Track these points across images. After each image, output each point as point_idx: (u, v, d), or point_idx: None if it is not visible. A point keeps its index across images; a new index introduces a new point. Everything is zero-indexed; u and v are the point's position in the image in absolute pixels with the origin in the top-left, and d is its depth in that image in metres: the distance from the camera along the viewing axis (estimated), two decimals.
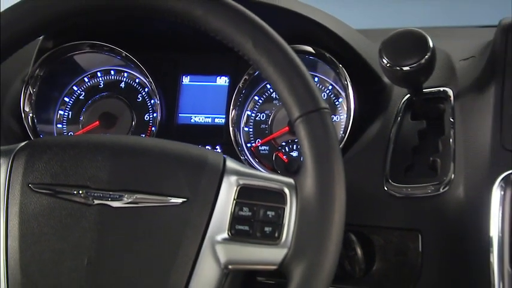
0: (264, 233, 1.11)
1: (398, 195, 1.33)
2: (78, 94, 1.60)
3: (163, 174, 1.15)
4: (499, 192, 1.24)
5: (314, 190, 1.10)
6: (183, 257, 1.11)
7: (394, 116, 1.39)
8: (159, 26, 1.39)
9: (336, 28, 1.45)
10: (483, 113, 1.32)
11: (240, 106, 1.52)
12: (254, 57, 1.14)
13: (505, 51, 1.32)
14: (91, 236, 1.12)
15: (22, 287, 1.13)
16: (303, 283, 1.07)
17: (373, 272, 1.34)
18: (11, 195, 1.16)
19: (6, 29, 1.19)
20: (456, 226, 1.28)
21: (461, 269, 1.27)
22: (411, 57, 1.26)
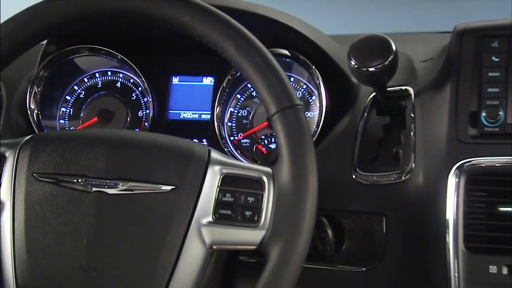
0: (244, 217, 1.10)
1: (365, 182, 1.32)
2: (78, 93, 1.59)
3: (154, 164, 1.14)
4: (454, 180, 1.24)
5: (289, 178, 1.10)
6: (172, 238, 1.10)
7: (361, 112, 1.39)
8: (151, 31, 1.38)
9: (309, 33, 1.45)
10: (440, 109, 1.32)
11: (224, 103, 1.51)
12: (236, 60, 1.13)
13: (459, 54, 1.32)
14: (89, 220, 1.12)
15: (28, 265, 1.13)
16: (280, 261, 1.07)
17: (343, 251, 1.35)
18: (17, 184, 1.16)
19: (14, 33, 1.18)
20: (416, 210, 1.28)
21: (421, 248, 1.27)
22: (376, 59, 1.26)
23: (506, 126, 1.27)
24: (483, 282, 1.20)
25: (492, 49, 1.30)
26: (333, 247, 1.32)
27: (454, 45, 1.34)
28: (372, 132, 1.38)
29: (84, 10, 1.18)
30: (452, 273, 1.21)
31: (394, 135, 1.37)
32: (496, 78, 1.29)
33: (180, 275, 1.10)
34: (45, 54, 1.55)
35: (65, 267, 1.12)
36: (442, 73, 1.35)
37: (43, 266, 1.13)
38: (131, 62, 1.52)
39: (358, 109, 1.40)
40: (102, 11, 1.17)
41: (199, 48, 1.18)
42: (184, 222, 1.11)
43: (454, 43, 1.34)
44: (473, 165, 1.24)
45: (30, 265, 1.13)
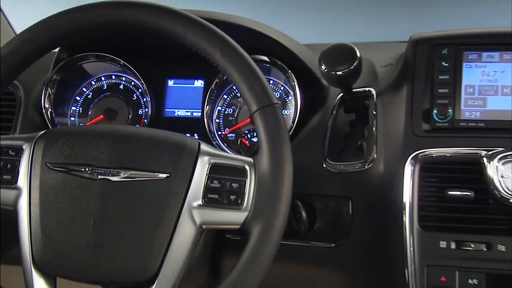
0: (229, 200, 1.11)
1: (334, 170, 1.33)
2: (86, 94, 1.58)
3: (152, 155, 1.14)
4: (410, 168, 1.25)
5: (268, 167, 1.10)
6: (167, 219, 1.10)
7: (330, 110, 1.40)
8: (150, 41, 1.38)
9: (286, 42, 1.45)
10: (398, 107, 1.33)
11: (213, 103, 1.51)
12: (222, 65, 1.14)
13: (414, 60, 1.33)
14: (96, 204, 1.12)
15: (42, 243, 1.13)
16: (260, 239, 1.08)
17: (315, 230, 1.35)
18: (33, 172, 1.15)
19: (30, 43, 1.18)
20: (378, 194, 1.29)
21: (382, 227, 1.28)
22: (343, 64, 1.26)
23: (455, 122, 1.28)
24: (434, 256, 1.22)
25: (442, 55, 1.31)
26: (306, 226, 1.33)
27: (409, 53, 1.34)
28: (339, 127, 1.39)
29: (90, 22, 1.18)
30: (408, 248, 1.22)
31: (359, 130, 1.37)
32: (446, 81, 1.30)
33: (174, 250, 1.10)
34: (57, 61, 1.54)
35: (75, 245, 1.12)
36: (400, 76, 1.36)
37: (55, 244, 1.12)
38: (132, 67, 1.52)
39: (328, 107, 1.40)
40: (107, 22, 1.17)
41: (191, 55, 1.18)
42: (177, 205, 1.11)
43: (410, 51, 1.34)
44: (426, 156, 1.25)
45: (44, 243, 1.13)
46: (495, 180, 1.20)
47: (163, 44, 1.20)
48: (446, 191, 1.23)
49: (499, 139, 1.24)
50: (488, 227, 1.21)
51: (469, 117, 1.28)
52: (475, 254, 1.20)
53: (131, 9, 1.17)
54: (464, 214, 1.22)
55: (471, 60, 1.30)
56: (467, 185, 1.22)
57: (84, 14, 1.18)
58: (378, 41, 1.58)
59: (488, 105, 1.28)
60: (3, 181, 1.17)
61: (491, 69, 1.29)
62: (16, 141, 1.20)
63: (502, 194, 1.19)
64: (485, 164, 1.21)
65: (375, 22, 2.16)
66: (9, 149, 1.18)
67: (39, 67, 1.39)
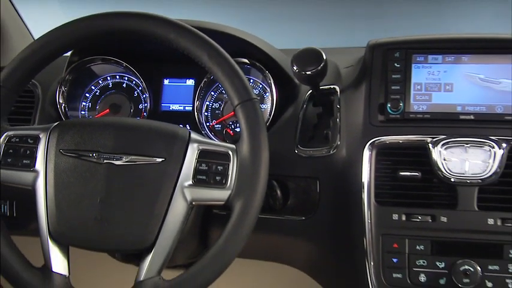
0: (215, 181, 1.11)
1: (304, 155, 1.33)
2: (95, 91, 1.57)
3: (149, 142, 1.14)
4: (368, 152, 1.26)
5: (248, 152, 1.11)
6: (162, 197, 1.11)
7: (301, 104, 1.40)
8: (148, 46, 1.38)
9: (263, 47, 1.45)
10: (358, 101, 1.33)
11: (202, 98, 1.51)
12: (208, 66, 1.14)
13: (371, 62, 1.34)
14: (101, 184, 1.12)
15: (56, 217, 1.13)
16: (241, 213, 1.09)
17: (288, 206, 1.36)
18: (48, 157, 1.15)
19: (45, 47, 1.18)
20: (341, 175, 1.30)
21: (345, 202, 1.28)
22: (311, 65, 1.27)
23: (405, 114, 1.29)
24: (388, 226, 1.23)
25: (394, 58, 1.31)
26: (281, 202, 1.34)
27: (367, 56, 1.35)
28: (309, 119, 1.39)
29: (97, 29, 1.18)
30: (366, 220, 1.23)
31: (325, 121, 1.37)
32: (397, 79, 1.31)
33: (169, 223, 1.10)
34: (70, 63, 1.54)
35: (84, 219, 1.12)
36: (359, 76, 1.36)
37: (68, 218, 1.13)
38: (133, 69, 1.52)
39: (299, 102, 1.40)
40: (110, 30, 1.17)
41: (183, 58, 1.18)
42: (171, 185, 1.11)
43: (368, 54, 1.35)
44: (381, 142, 1.26)
45: (58, 217, 1.13)
46: (439, 163, 1.21)
47: (159, 48, 1.20)
48: (398, 172, 1.24)
49: (442, 128, 1.25)
50: (432, 202, 1.23)
51: (417, 109, 1.29)
52: (422, 224, 1.22)
53: (132, 19, 1.17)
54: (413, 191, 1.24)
55: (419, 62, 1.31)
56: (415, 166, 1.24)
57: (92, 23, 1.18)
58: (341, 47, 1.58)
59: (433, 100, 1.29)
60: (23, 165, 1.16)
61: (436, 70, 1.30)
62: (34, 131, 1.19)
63: (444, 174, 1.21)
64: (431, 149, 1.22)
65: (339, 31, 2.18)
66: (28, 137, 1.18)
67: (54, 69, 1.39)
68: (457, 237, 1.20)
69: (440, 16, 2.29)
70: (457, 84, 1.29)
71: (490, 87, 1.28)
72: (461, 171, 1.20)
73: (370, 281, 1.22)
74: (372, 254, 1.23)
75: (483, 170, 1.20)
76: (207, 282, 1.09)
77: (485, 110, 1.26)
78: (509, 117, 1.25)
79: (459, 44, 1.31)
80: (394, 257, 1.22)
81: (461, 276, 1.17)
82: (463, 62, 1.29)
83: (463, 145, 1.22)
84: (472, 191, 1.20)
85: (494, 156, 1.20)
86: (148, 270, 1.10)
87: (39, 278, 1.13)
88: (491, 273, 1.18)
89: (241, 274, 1.37)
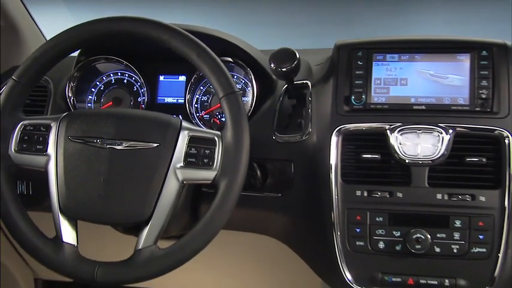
0: (203, 163, 1.11)
1: (280, 141, 1.33)
2: (99, 86, 1.56)
3: (146, 129, 1.14)
4: (335, 138, 1.26)
5: (232, 138, 1.11)
6: (157, 177, 1.11)
7: (278, 97, 1.39)
8: (145, 47, 1.36)
9: (245, 48, 1.45)
10: (326, 94, 1.33)
11: (192, 92, 1.50)
12: (197, 63, 1.14)
13: (338, 60, 1.33)
14: (105, 166, 1.12)
15: (66, 195, 1.13)
16: (226, 190, 1.09)
17: (267, 185, 1.35)
18: (58, 143, 1.15)
19: (60, 45, 1.18)
20: (312, 158, 1.29)
21: (315, 181, 1.28)
22: (287, 63, 1.27)
23: (367, 105, 1.29)
24: (352, 201, 1.24)
25: (357, 56, 1.31)
26: (260, 181, 1.33)
27: (334, 55, 1.34)
28: (284, 109, 1.38)
29: (101, 31, 1.17)
30: (333, 196, 1.24)
31: (299, 111, 1.37)
32: (360, 75, 1.31)
33: (163, 200, 1.11)
34: (77, 62, 1.52)
35: (89, 196, 1.12)
36: (328, 72, 1.36)
37: (75, 195, 1.13)
38: (133, 66, 1.51)
39: (276, 95, 1.40)
40: (111, 32, 1.17)
41: (176, 58, 1.17)
42: (165, 167, 1.11)
43: (335, 53, 1.35)
44: (347, 129, 1.26)
45: (67, 194, 1.13)
46: (395, 147, 1.22)
47: (155, 49, 1.19)
48: (360, 155, 1.25)
49: (398, 117, 1.26)
50: (390, 180, 1.24)
51: (377, 101, 1.29)
52: (381, 199, 1.23)
53: (130, 22, 1.16)
54: (373, 171, 1.24)
55: (378, 60, 1.31)
56: (375, 150, 1.24)
57: (96, 26, 1.18)
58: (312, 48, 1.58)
59: (390, 93, 1.29)
60: (37, 150, 1.16)
61: (393, 67, 1.30)
62: (46, 120, 1.19)
63: (400, 156, 1.21)
64: (388, 135, 1.23)
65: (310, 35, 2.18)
66: (41, 126, 1.18)
67: (64, 67, 1.39)
68: (411, 210, 1.21)
69: (395, 22, 2.31)
70: (411, 79, 1.29)
71: (438, 81, 1.28)
72: (414, 154, 1.21)
73: (337, 248, 1.23)
74: (339, 225, 1.23)
75: (433, 153, 1.21)
76: (197, 250, 1.10)
77: (434, 101, 1.27)
78: (455, 107, 1.26)
79: (413, 45, 1.31)
80: (357, 227, 1.23)
81: (414, 243, 1.18)
82: (416, 60, 1.30)
83: (415, 131, 1.22)
84: (423, 171, 1.21)
85: (442, 141, 1.21)
86: (145, 240, 1.10)
87: (52, 247, 1.13)
88: (439, 240, 1.19)
89: (226, 243, 1.37)
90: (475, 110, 1.25)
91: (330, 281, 1.31)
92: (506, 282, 1.19)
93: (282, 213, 1.34)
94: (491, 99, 1.24)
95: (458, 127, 1.22)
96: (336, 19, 2.51)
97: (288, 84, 1.38)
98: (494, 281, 1.18)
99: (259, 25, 2.53)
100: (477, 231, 1.19)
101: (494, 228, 1.18)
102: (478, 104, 1.25)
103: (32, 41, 1.70)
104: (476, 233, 1.19)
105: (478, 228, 1.19)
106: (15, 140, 1.17)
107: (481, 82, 1.26)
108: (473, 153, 1.21)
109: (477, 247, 1.18)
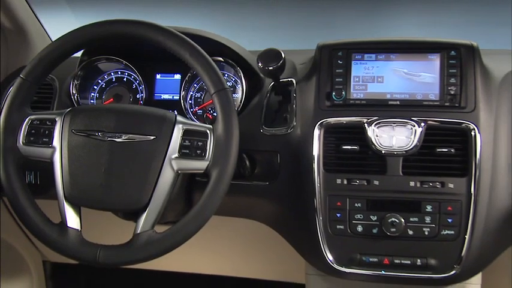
0: (197, 153, 1.11)
1: (268, 134, 1.32)
2: (101, 84, 1.54)
3: (144, 123, 1.13)
4: (317, 131, 1.26)
5: (222, 131, 1.11)
6: (154, 167, 1.10)
7: (265, 94, 1.38)
8: (143, 47, 1.35)
9: (235, 48, 1.43)
10: (310, 91, 1.32)
11: (186, 89, 1.48)
12: (190, 62, 1.14)
13: (320, 59, 1.32)
14: (105, 157, 1.11)
15: (69, 183, 1.12)
16: (217, 179, 1.09)
17: (255, 174, 1.35)
18: (63, 136, 1.14)
19: (64, 45, 1.17)
20: (296, 149, 1.29)
21: (300, 171, 1.28)
22: (273, 62, 1.26)
23: (346, 100, 1.29)
24: (333, 189, 1.24)
25: (338, 56, 1.31)
26: (249, 171, 1.33)
27: (317, 55, 1.34)
28: (272, 105, 1.37)
29: (101, 34, 1.17)
30: (316, 184, 1.24)
31: (284, 106, 1.36)
32: (340, 73, 1.30)
33: (159, 188, 1.10)
34: (81, 61, 1.51)
35: (92, 184, 1.11)
36: (311, 71, 1.35)
37: (79, 184, 1.12)
38: (132, 66, 1.49)
39: (264, 92, 1.39)
40: (111, 34, 1.16)
41: (172, 57, 1.16)
42: (161, 157, 1.10)
43: (317, 53, 1.34)
44: (328, 122, 1.26)
45: (71, 183, 1.12)
46: (372, 139, 1.22)
47: (152, 49, 1.18)
48: (341, 146, 1.24)
49: (375, 111, 1.26)
50: (367, 169, 1.24)
51: (356, 97, 1.29)
52: (359, 187, 1.22)
53: (129, 25, 1.16)
54: (352, 161, 1.24)
55: (357, 59, 1.30)
56: (354, 142, 1.24)
57: (98, 28, 1.17)
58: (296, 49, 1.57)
59: (368, 89, 1.29)
60: (43, 142, 1.15)
61: (370, 65, 1.30)
62: (51, 115, 1.18)
63: (376, 147, 1.22)
64: (366, 128, 1.23)
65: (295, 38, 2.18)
66: (46, 120, 1.17)
67: (68, 66, 1.39)
68: (386, 196, 1.21)
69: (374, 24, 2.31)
70: (386, 77, 1.29)
71: (412, 79, 1.28)
72: (390, 145, 1.21)
73: (319, 231, 1.23)
74: (321, 211, 1.23)
75: (406, 144, 1.21)
76: (191, 233, 1.09)
77: (408, 97, 1.27)
78: (426, 102, 1.26)
79: (388, 45, 1.31)
80: (337, 212, 1.23)
81: (389, 226, 1.19)
82: (391, 59, 1.30)
83: (391, 124, 1.22)
84: (397, 160, 1.21)
85: (415, 133, 1.21)
86: (143, 225, 1.10)
87: (57, 232, 1.13)
88: (411, 223, 1.20)
89: (218, 227, 1.37)
90: (444, 105, 1.25)
91: (312, 261, 1.31)
92: (472, 261, 1.20)
93: (269, 200, 1.33)
94: (459, 95, 1.25)
95: (430, 120, 1.22)
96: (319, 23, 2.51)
97: (274, 82, 1.37)
98: (462, 260, 1.19)
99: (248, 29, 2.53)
100: (446, 215, 1.19)
101: (462, 213, 1.19)
102: (447, 100, 1.25)
103: (39, 42, 1.69)
104: (446, 217, 1.19)
105: (447, 213, 1.19)
106: (23, 134, 1.16)
107: (450, 79, 1.26)
108: (443, 144, 1.21)
109: (446, 230, 1.19)
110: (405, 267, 1.20)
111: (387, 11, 2.57)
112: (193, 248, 1.35)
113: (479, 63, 1.26)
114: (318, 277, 1.36)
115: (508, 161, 1.22)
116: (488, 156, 1.20)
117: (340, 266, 1.23)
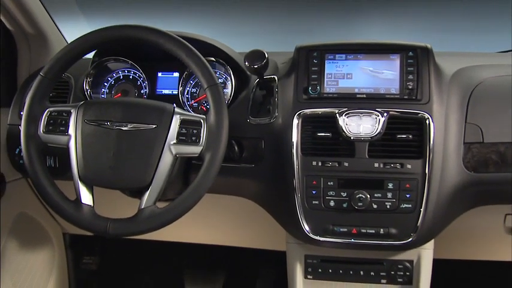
0: (192, 140, 1.10)
1: (253, 123, 1.31)
2: (110, 81, 1.52)
3: (146, 114, 1.12)
4: (296, 121, 1.25)
5: (214, 120, 1.10)
6: (155, 151, 1.10)
7: (251, 89, 1.37)
8: (146, 49, 1.33)
9: (226, 50, 1.42)
10: (289, 86, 1.31)
11: (184, 85, 1.46)
12: (186, 62, 1.13)
13: (298, 59, 1.31)
14: (113, 143, 1.11)
15: (83, 166, 1.12)
16: (210, 162, 1.09)
17: (243, 157, 1.33)
18: (77, 126, 1.13)
19: (78, 47, 1.16)
20: (278, 136, 1.28)
21: (281, 155, 1.27)
22: (258, 61, 1.25)
23: (321, 94, 1.28)
24: (309, 170, 1.23)
25: (313, 56, 1.30)
26: (238, 155, 1.31)
27: (295, 55, 1.33)
28: (257, 99, 1.36)
29: (110, 37, 1.15)
30: (295, 166, 1.23)
31: (268, 100, 1.35)
32: (315, 71, 1.29)
33: (160, 170, 1.10)
34: (93, 61, 1.49)
35: (102, 167, 1.11)
36: (290, 69, 1.34)
37: (90, 166, 1.11)
38: (137, 65, 1.48)
39: (250, 87, 1.38)
40: (118, 37, 1.15)
41: (171, 58, 1.15)
42: (161, 143, 1.10)
43: (295, 54, 1.33)
44: (305, 113, 1.26)
45: (85, 165, 1.11)
46: (343, 127, 1.22)
47: (154, 51, 1.17)
48: (316, 133, 1.24)
49: (345, 103, 1.25)
50: (338, 153, 1.24)
51: (329, 91, 1.28)
52: (332, 168, 1.23)
53: (133, 29, 1.14)
54: (326, 146, 1.24)
55: (330, 59, 1.30)
56: (327, 129, 1.24)
57: (107, 32, 1.15)
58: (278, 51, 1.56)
59: (339, 85, 1.28)
60: (60, 131, 1.14)
61: (341, 64, 1.29)
62: (67, 107, 1.17)
63: (346, 134, 1.22)
64: (338, 118, 1.23)
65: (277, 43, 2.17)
66: (63, 112, 1.16)
67: (82, 66, 1.37)
68: (355, 176, 1.22)
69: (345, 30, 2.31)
70: (355, 74, 1.29)
71: (376, 76, 1.27)
72: (358, 132, 1.21)
73: (297, 206, 1.23)
74: (299, 189, 1.23)
75: (372, 131, 1.21)
76: (188, 208, 1.09)
77: (373, 91, 1.27)
78: (388, 95, 1.26)
79: (357, 47, 1.30)
80: (313, 190, 1.23)
81: (357, 201, 1.19)
82: (359, 59, 1.29)
83: (358, 115, 1.22)
84: (364, 145, 1.21)
85: (379, 122, 1.21)
86: (147, 201, 1.09)
87: (73, 207, 1.12)
88: (376, 198, 1.20)
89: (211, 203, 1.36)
90: (403, 98, 1.25)
91: (292, 231, 1.32)
92: (426, 230, 1.21)
93: (255, 180, 1.33)
94: (416, 90, 1.25)
95: (391, 111, 1.22)
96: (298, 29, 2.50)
97: (259, 79, 1.36)
98: (417, 229, 1.20)
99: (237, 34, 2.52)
100: (405, 191, 1.20)
101: (418, 189, 1.19)
102: (406, 93, 1.25)
103: (57, 45, 1.66)
104: (404, 193, 1.20)
105: (405, 189, 1.20)
106: (43, 123, 1.15)
107: (408, 76, 1.26)
108: (403, 131, 1.21)
109: (405, 203, 1.20)
110: (370, 235, 1.21)
111: (358, 19, 2.56)
112: (190, 221, 1.34)
113: (433, 62, 1.26)
114: (296, 245, 1.36)
115: (456, 145, 1.22)
116: (440, 141, 1.21)
117: (315, 235, 1.24)
